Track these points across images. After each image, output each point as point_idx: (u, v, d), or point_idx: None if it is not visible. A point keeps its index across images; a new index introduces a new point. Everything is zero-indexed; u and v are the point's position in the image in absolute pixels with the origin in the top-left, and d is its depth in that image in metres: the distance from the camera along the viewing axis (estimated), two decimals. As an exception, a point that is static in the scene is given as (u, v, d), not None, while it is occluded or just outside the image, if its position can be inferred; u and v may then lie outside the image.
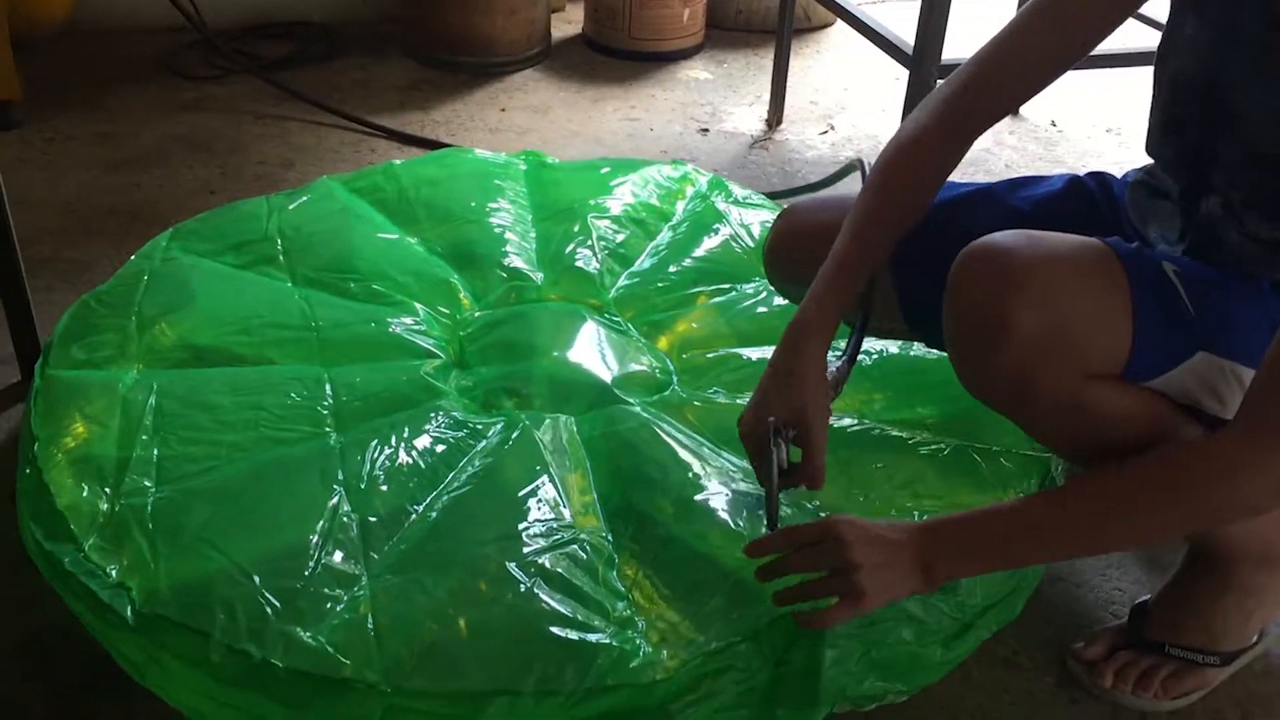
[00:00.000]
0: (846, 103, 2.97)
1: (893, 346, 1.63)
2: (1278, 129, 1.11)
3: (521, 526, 1.30)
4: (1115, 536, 1.16)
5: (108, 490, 1.33)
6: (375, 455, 1.39)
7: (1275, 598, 1.32)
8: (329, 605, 1.19)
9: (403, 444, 1.42)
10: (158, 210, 2.27)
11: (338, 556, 1.25)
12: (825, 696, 1.20)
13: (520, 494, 1.35)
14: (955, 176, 1.32)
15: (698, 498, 1.36)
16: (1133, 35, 2.16)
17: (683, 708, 1.14)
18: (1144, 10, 1.24)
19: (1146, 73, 1.28)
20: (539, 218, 1.98)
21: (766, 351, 1.62)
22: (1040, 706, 1.33)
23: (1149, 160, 1.30)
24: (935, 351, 1.51)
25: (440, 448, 1.42)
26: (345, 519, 1.30)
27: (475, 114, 2.82)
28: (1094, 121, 2.85)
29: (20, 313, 1.72)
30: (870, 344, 1.59)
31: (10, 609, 1.37)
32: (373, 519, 1.31)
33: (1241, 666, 1.36)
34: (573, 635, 1.17)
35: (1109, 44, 1.26)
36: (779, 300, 1.75)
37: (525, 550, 1.27)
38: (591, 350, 1.68)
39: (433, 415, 1.48)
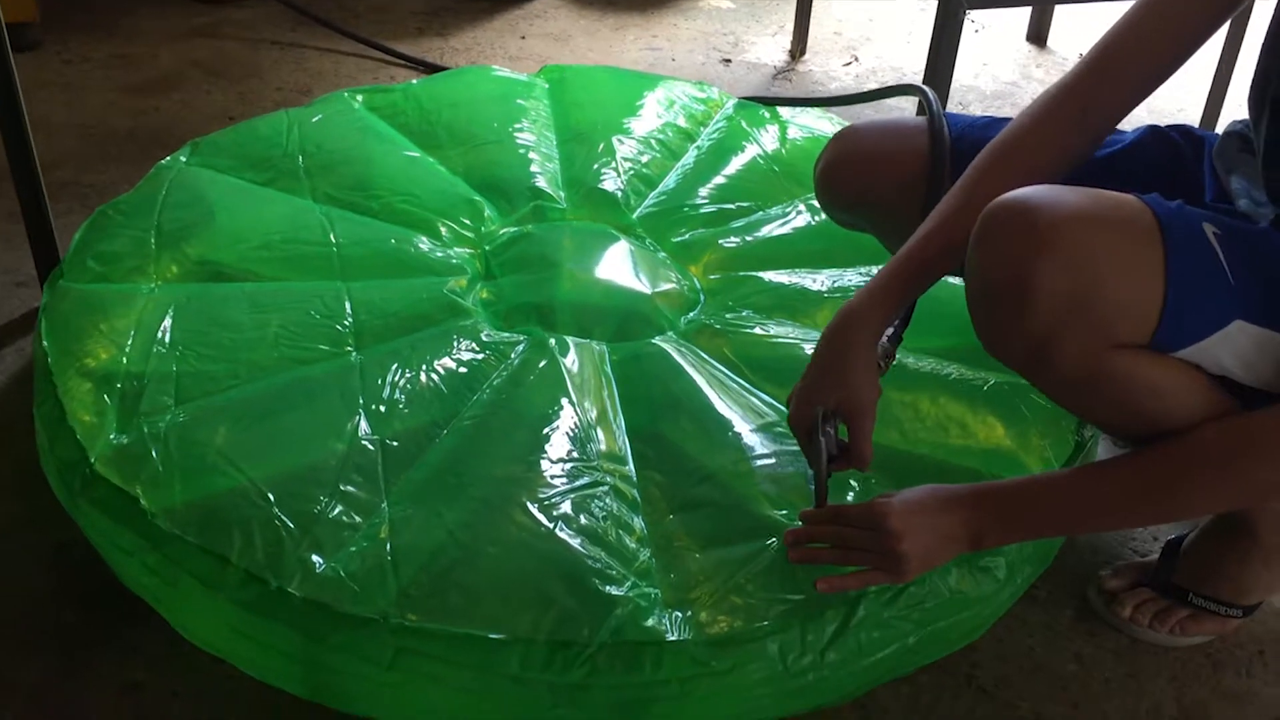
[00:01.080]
0: (871, 33, 2.93)
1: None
2: None
3: (544, 462, 1.28)
4: (1167, 511, 1.17)
5: (124, 408, 1.31)
6: (395, 376, 1.38)
7: None
8: (346, 533, 1.18)
9: (424, 365, 1.40)
10: (176, 134, 2.25)
11: (356, 482, 1.24)
12: (870, 681, 1.19)
13: (544, 426, 1.33)
14: (983, 110, 1.29)
15: (731, 438, 1.34)
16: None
17: (702, 679, 1.10)
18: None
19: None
20: (562, 139, 1.95)
21: (795, 276, 1.62)
22: (1058, 638, 1.34)
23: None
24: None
25: (462, 369, 1.41)
26: (365, 442, 1.29)
27: (495, 41, 2.79)
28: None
29: (43, 236, 1.72)
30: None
31: (36, 523, 1.38)
32: (392, 443, 1.30)
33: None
34: (592, 584, 1.14)
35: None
36: (802, 221, 1.74)
37: (547, 488, 1.24)
38: (618, 269, 1.66)
39: (455, 335, 1.46)
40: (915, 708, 1.25)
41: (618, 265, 1.67)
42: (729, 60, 2.76)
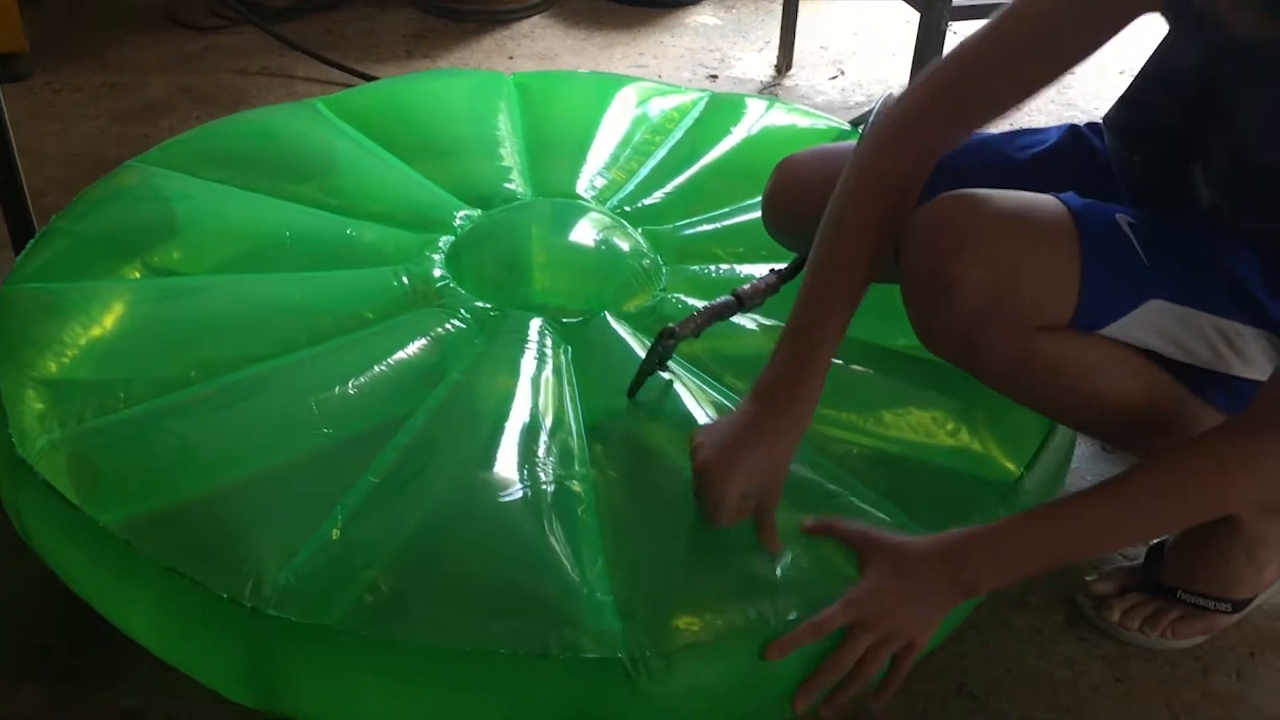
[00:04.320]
0: (856, 47, 2.95)
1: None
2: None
3: (498, 464, 1.25)
4: (1136, 535, 1.24)
5: (71, 412, 1.27)
6: (351, 371, 1.35)
7: None
8: (297, 540, 1.14)
9: (379, 358, 1.38)
10: (166, 161, 2.26)
11: (309, 485, 1.21)
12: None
13: (499, 426, 1.30)
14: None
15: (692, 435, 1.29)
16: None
17: (656, 690, 1.06)
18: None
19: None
20: (530, 140, 1.92)
21: (760, 268, 1.55)
22: (1048, 644, 1.34)
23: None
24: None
25: (419, 362, 1.39)
26: (318, 442, 1.26)
27: (482, 62, 2.80)
28: (1105, 63, 2.82)
29: (32, 264, 1.73)
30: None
31: (25, 551, 1.35)
32: (346, 444, 1.26)
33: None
34: (544, 593, 1.11)
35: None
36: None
37: (501, 492, 1.21)
38: (585, 255, 1.64)
39: (412, 327, 1.44)
40: (907, 716, 1.25)
41: (584, 254, 1.65)
42: (715, 76, 2.78)
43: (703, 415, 1.34)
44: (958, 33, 2.92)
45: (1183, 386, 1.16)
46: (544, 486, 1.23)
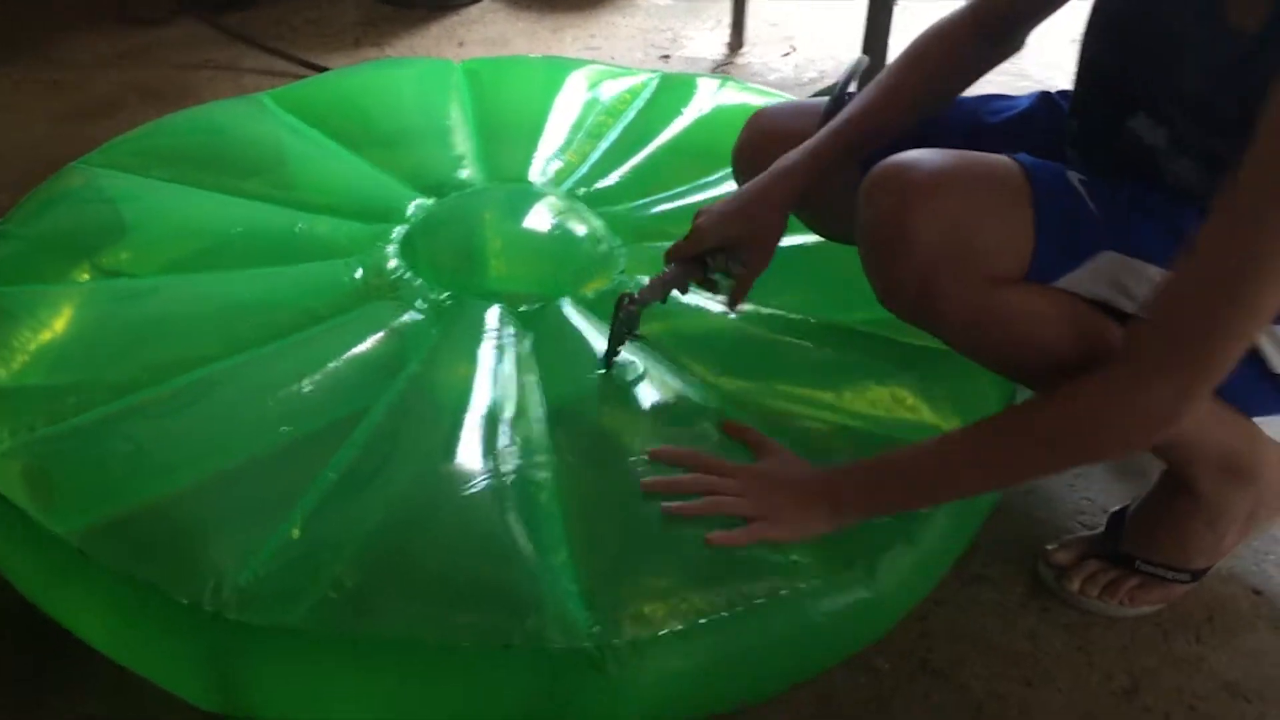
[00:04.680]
0: (808, 23, 2.95)
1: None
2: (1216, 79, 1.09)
3: (460, 456, 1.24)
4: (1004, 478, 1.22)
5: (21, 423, 1.25)
6: (306, 368, 1.34)
7: (1246, 517, 1.32)
8: (256, 541, 1.13)
9: (335, 354, 1.37)
10: (114, 159, 2.23)
11: (268, 484, 1.20)
12: (791, 678, 1.20)
13: (460, 417, 1.29)
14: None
15: (654, 421, 1.31)
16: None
17: (622, 678, 1.06)
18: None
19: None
20: (482, 127, 1.91)
21: None
22: (1011, 616, 1.35)
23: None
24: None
25: (376, 355, 1.38)
26: (276, 441, 1.24)
27: (432, 49, 2.78)
28: (1058, 32, 2.83)
29: (-22, 269, 1.70)
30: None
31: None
32: (305, 440, 1.25)
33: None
34: (508, 584, 1.10)
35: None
36: (727, 192, 1.73)
37: (462, 484, 1.20)
38: (541, 240, 1.63)
39: (368, 320, 1.43)
40: (873, 695, 1.26)
41: (540, 239, 1.64)
42: (668, 56, 2.77)
43: (662, 401, 1.34)
44: (905, 7, 2.93)
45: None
46: (506, 476, 1.21)
